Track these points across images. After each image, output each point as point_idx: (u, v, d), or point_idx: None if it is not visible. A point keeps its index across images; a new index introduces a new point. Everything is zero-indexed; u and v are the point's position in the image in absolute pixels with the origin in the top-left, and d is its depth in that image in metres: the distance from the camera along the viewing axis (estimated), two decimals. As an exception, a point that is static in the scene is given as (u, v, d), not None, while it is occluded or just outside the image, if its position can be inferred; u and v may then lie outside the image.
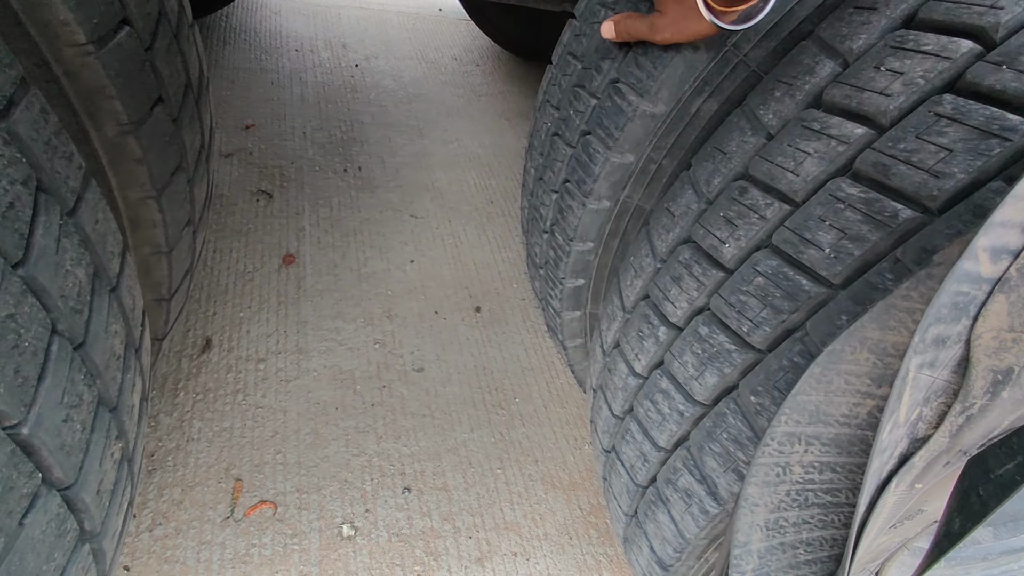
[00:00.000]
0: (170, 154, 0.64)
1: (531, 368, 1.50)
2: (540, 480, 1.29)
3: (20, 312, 0.33)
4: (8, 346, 0.32)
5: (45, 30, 0.52)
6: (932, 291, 0.35)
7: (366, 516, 1.17)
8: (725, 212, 0.55)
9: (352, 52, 2.56)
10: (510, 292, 1.67)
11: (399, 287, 1.61)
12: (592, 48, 0.83)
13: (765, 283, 0.50)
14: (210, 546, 1.09)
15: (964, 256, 0.31)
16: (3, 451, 0.32)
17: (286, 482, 1.19)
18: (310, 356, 1.40)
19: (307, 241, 1.66)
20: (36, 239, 0.35)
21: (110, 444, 0.46)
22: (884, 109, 0.45)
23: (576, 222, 0.84)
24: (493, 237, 1.82)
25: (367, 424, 1.30)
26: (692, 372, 0.56)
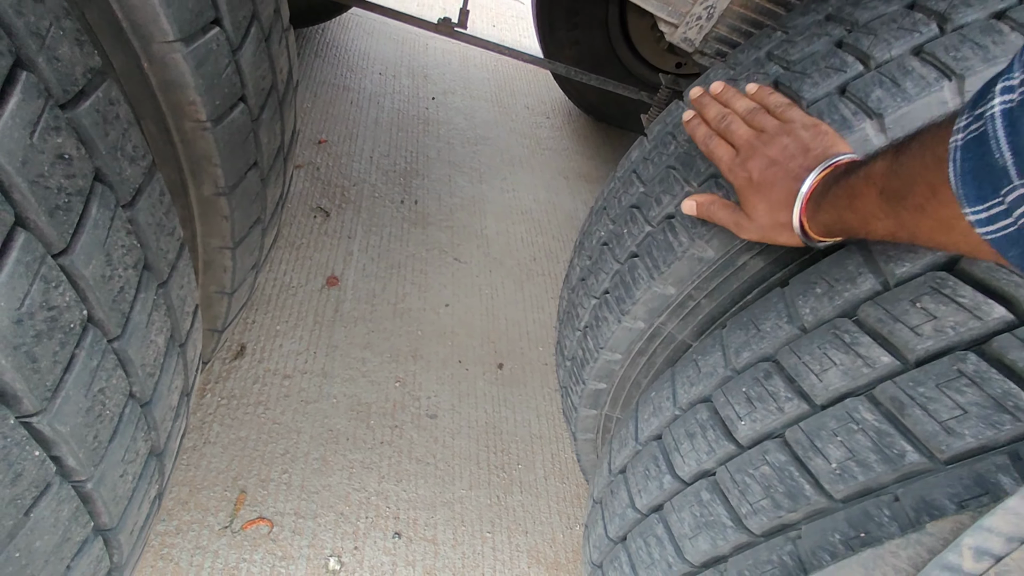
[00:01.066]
0: (245, 154, 0.68)
1: (540, 436, 1.53)
2: (527, 552, 1.31)
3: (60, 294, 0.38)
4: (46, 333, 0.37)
5: (174, 109, 0.58)
6: (919, 556, 0.38)
7: (354, 553, 1.21)
8: (748, 389, 0.58)
9: (431, 84, 2.66)
10: (535, 355, 1.70)
11: (430, 329, 1.66)
12: (656, 178, 0.87)
13: (771, 474, 0.52)
14: (204, 552, 1.14)
15: (950, 548, 0.33)
16: (17, 435, 0.36)
17: (287, 503, 1.23)
18: (333, 382, 1.45)
19: (353, 266, 1.73)
20: (86, 224, 0.39)
21: (137, 439, 0.50)
22: (912, 347, 0.48)
23: (609, 334, 0.88)
24: (529, 295, 1.87)
25: (373, 461, 1.35)
26: (687, 531, 0.58)
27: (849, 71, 0.72)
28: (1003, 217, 0.34)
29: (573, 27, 2.37)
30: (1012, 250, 0.34)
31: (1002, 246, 0.35)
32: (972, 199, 0.35)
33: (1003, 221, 0.34)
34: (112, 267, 0.43)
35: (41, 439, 0.38)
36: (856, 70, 0.71)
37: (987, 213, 0.35)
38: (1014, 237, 0.34)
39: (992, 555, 0.33)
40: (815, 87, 0.73)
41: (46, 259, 0.37)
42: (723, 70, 0.92)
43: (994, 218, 0.34)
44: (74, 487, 0.42)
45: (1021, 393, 0.42)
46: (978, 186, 0.35)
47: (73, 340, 0.39)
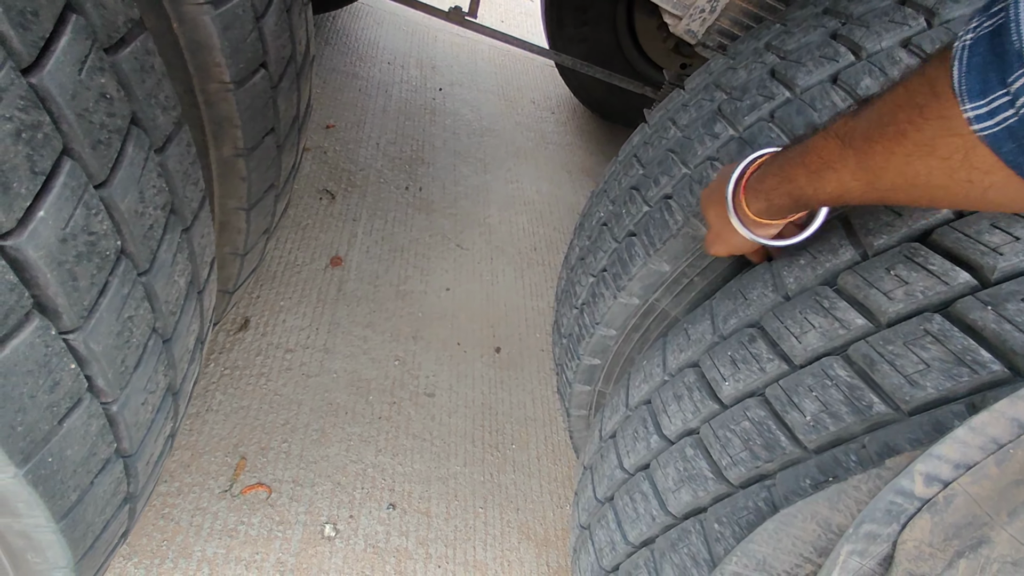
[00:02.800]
0: (264, 118, 0.71)
1: (534, 418, 1.56)
2: (517, 528, 1.35)
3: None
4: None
5: (200, 69, 0.62)
6: (878, 489, 0.41)
7: (349, 521, 1.24)
8: (733, 353, 0.62)
9: (439, 75, 2.70)
10: (532, 340, 1.74)
11: (431, 311, 1.69)
12: (655, 160, 0.90)
13: (750, 428, 0.56)
14: (204, 513, 1.17)
15: (903, 474, 0.37)
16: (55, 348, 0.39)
17: (285, 471, 1.26)
18: (334, 357, 1.48)
19: (357, 247, 1.76)
20: (123, 161, 0.43)
21: (158, 372, 0.53)
22: (884, 309, 0.51)
23: (605, 309, 0.91)
24: (529, 283, 1.90)
25: (371, 435, 1.38)
26: (671, 485, 0.62)
27: (841, 60, 0.75)
28: (1005, 108, 0.35)
29: (581, 24, 2.41)
30: (1007, 144, 0.36)
31: (998, 140, 0.36)
32: (975, 93, 0.36)
33: (1005, 112, 0.35)
34: (144, 204, 0.46)
35: (77, 355, 0.41)
36: (848, 60, 0.75)
37: (988, 107, 0.36)
38: (1013, 128, 0.35)
39: (941, 480, 0.36)
40: (808, 75, 0.76)
41: (88, 188, 0.40)
42: (723, 60, 0.96)
43: (995, 111, 0.35)
44: (102, 406, 0.46)
45: (980, 349, 0.45)
46: (983, 79, 0.36)
47: (108, 266, 0.43)
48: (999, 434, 0.35)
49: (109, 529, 0.56)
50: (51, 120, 0.36)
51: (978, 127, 0.37)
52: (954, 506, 0.35)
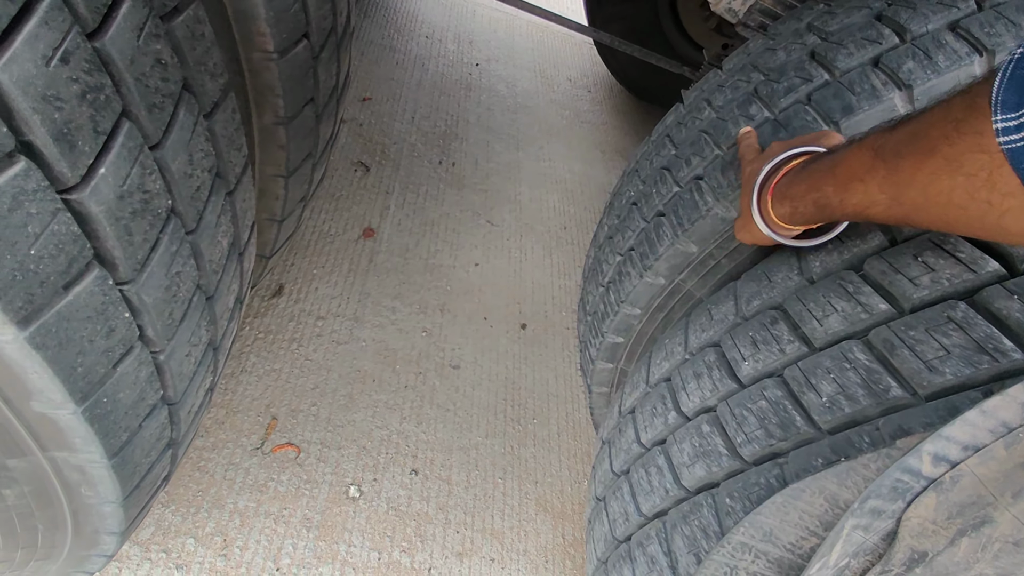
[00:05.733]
0: (304, 88, 0.74)
1: (556, 395, 1.58)
2: (535, 500, 1.38)
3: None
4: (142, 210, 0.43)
5: (245, 38, 0.64)
6: (886, 467, 0.42)
7: (373, 484, 1.29)
8: (754, 333, 0.62)
9: (476, 50, 2.69)
10: (557, 318, 1.75)
11: (458, 285, 1.72)
12: (688, 140, 0.90)
13: (767, 407, 0.57)
14: (236, 468, 1.23)
15: (911, 453, 0.38)
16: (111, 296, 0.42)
17: (314, 433, 1.31)
18: (363, 326, 1.52)
19: (388, 220, 1.79)
20: (175, 124, 0.45)
21: (201, 327, 0.57)
22: (908, 295, 0.52)
23: (631, 288, 0.92)
24: (557, 262, 1.91)
25: (396, 403, 1.42)
26: (686, 460, 0.63)
27: (885, 43, 0.74)
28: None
29: (621, 1, 2.37)
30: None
31: (1018, 156, 0.36)
32: (1009, 105, 0.37)
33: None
34: (192, 167, 0.49)
35: (130, 305, 0.45)
36: (892, 42, 0.73)
37: (1017, 120, 0.36)
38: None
39: (949, 461, 0.37)
40: (849, 57, 0.75)
41: (144, 148, 0.42)
42: (762, 40, 0.94)
43: (1023, 125, 0.36)
44: (151, 355, 0.49)
45: (1003, 338, 0.45)
46: (1020, 92, 0.36)
47: (159, 224, 0.45)
48: (1010, 418, 0.36)
49: (153, 471, 0.60)
50: (112, 83, 0.39)
51: (1003, 139, 0.37)
52: (960, 486, 0.36)
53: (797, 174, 0.59)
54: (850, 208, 0.51)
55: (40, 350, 0.37)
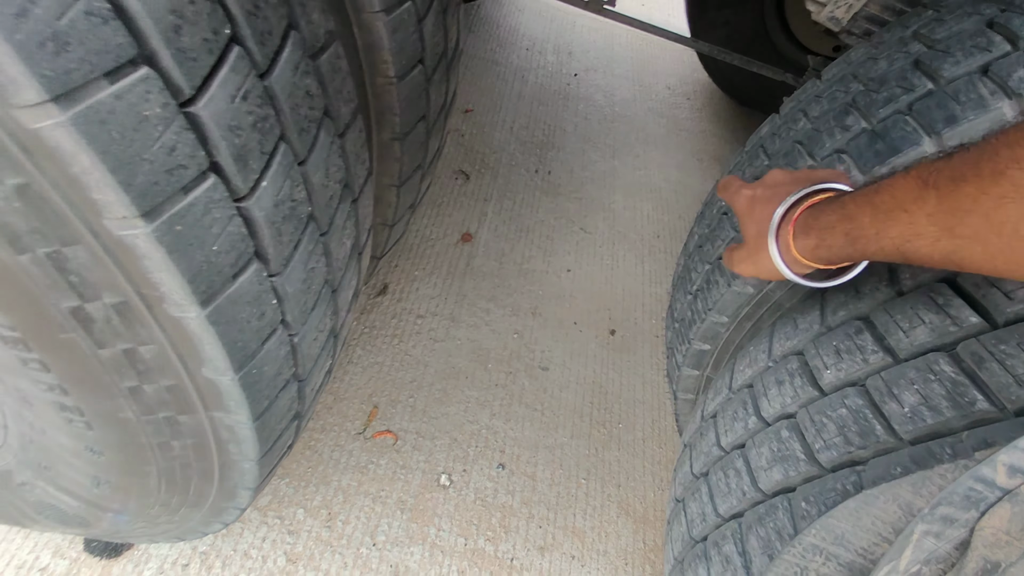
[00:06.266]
0: (417, 107, 0.82)
1: (642, 402, 1.60)
2: (616, 503, 1.40)
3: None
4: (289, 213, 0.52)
5: (371, 66, 0.73)
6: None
7: (462, 474, 1.37)
8: (838, 343, 0.63)
9: (575, 61, 2.75)
10: (647, 326, 1.77)
11: (550, 290, 1.77)
12: (782, 152, 0.91)
13: (847, 416, 0.58)
14: (341, 450, 1.35)
15: (986, 463, 0.38)
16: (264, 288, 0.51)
17: (410, 423, 1.41)
18: (459, 326, 1.62)
19: (486, 226, 1.88)
20: (317, 144, 0.54)
21: (326, 315, 0.66)
22: (1002, 309, 0.51)
23: (718, 297, 0.93)
24: (648, 270, 1.92)
25: (487, 400, 1.49)
26: (764, 464, 0.65)
27: (995, 50, 0.71)
28: None
29: (724, 6, 2.34)
30: None
31: None
32: None
33: None
34: (328, 179, 0.57)
35: (277, 293, 0.54)
36: (1002, 50, 0.71)
37: None
38: None
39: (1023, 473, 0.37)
40: (955, 66, 0.73)
41: (294, 164, 0.51)
42: (864, 49, 0.93)
43: None
44: (288, 336, 0.58)
45: (1101, 355, 0.44)
46: None
47: (301, 227, 0.54)
48: (1087, 431, 0.36)
49: (282, 438, 0.69)
50: (274, 113, 0.48)
51: None
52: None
53: (826, 204, 0.55)
54: (888, 241, 0.47)
55: (214, 325, 0.47)
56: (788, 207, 0.58)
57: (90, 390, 0.53)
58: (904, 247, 0.46)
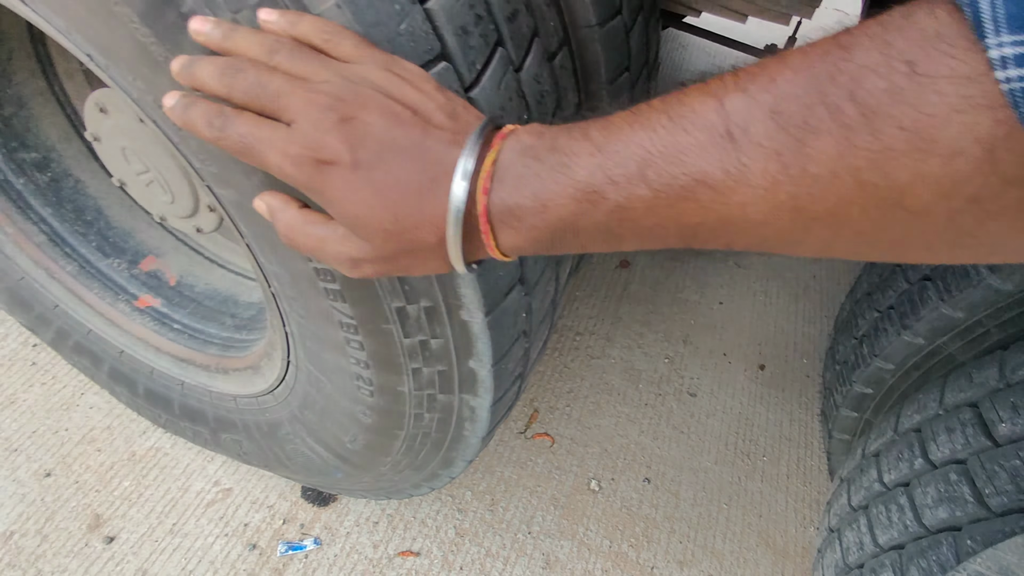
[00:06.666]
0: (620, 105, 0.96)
1: (789, 438, 1.62)
2: (757, 533, 1.44)
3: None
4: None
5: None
6: None
7: (611, 482, 1.48)
8: (1016, 399, 0.68)
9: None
10: (797, 365, 1.78)
11: (702, 320, 1.84)
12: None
13: (1022, 467, 0.63)
14: (505, 445, 1.52)
15: None
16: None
17: (566, 429, 1.56)
18: (613, 346, 1.74)
19: (643, 254, 2.00)
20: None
21: (519, 320, 0.81)
22: None
23: (887, 345, 0.98)
24: (802, 308, 1.92)
25: (637, 417, 1.60)
26: (929, 502, 0.71)
27: None
28: None
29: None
30: None
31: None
32: (1016, 22, 0.21)
33: None
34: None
35: (528, 308, 0.71)
36: None
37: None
38: None
39: None
40: None
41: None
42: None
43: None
44: (526, 342, 0.75)
45: None
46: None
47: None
48: None
49: (498, 424, 0.86)
50: (524, 104, 0.64)
51: (1004, 75, 0.21)
52: None
53: (526, 167, 0.34)
54: (655, 223, 0.31)
55: (491, 329, 0.64)
56: (475, 159, 0.34)
57: (385, 367, 0.73)
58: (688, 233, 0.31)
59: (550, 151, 0.33)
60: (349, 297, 0.65)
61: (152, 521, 1.29)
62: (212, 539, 1.28)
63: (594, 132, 0.32)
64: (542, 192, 0.33)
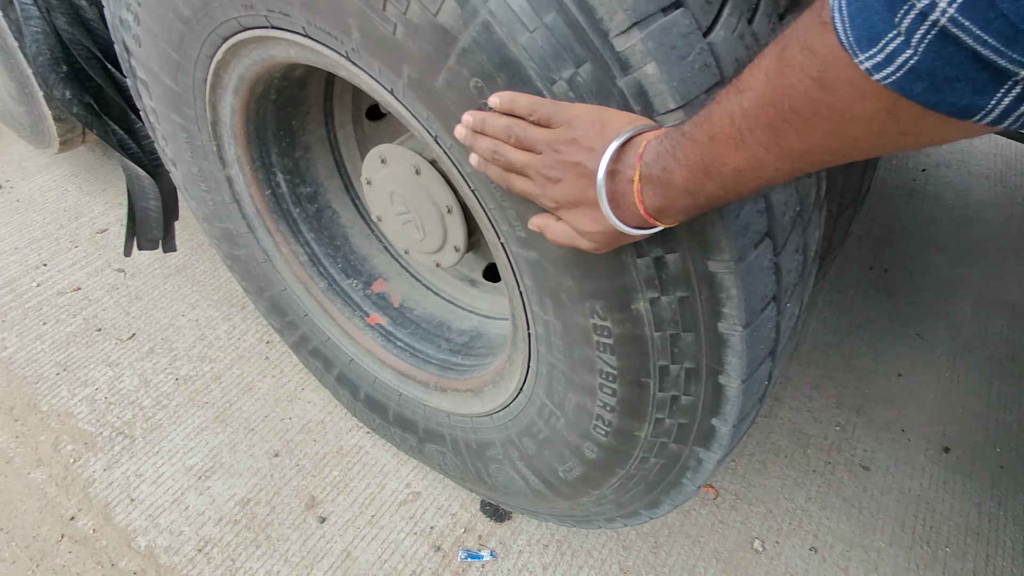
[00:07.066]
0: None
1: (977, 532, 1.51)
2: (938, 628, 1.36)
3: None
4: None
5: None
6: None
7: (775, 545, 1.47)
8: None
9: (923, 155, 2.64)
10: (990, 453, 1.65)
11: (877, 391, 1.78)
12: None
13: None
14: (668, 490, 1.56)
15: None
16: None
17: (731, 484, 1.57)
18: (782, 407, 1.73)
19: (815, 315, 1.96)
20: None
21: (763, 386, 0.84)
22: None
23: None
24: (997, 392, 1.79)
25: (804, 482, 1.58)
26: None
27: None
28: (902, 49, 0.33)
29: None
30: (917, 85, 0.34)
31: (906, 84, 0.34)
32: (864, 43, 0.34)
33: (903, 55, 0.33)
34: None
35: (773, 366, 0.76)
36: None
37: (883, 53, 0.34)
38: (916, 68, 0.33)
39: None
40: None
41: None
42: None
43: (892, 55, 0.33)
44: (768, 380, 0.79)
45: None
46: (868, 25, 0.34)
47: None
48: None
49: (730, 453, 0.89)
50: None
51: (880, 76, 0.35)
52: None
53: (659, 161, 0.52)
54: (729, 180, 0.49)
55: (743, 394, 0.71)
56: (604, 174, 0.55)
57: (630, 414, 0.82)
58: (748, 181, 0.48)
59: (672, 146, 0.52)
60: (619, 352, 0.75)
61: (355, 510, 1.47)
62: (403, 535, 1.44)
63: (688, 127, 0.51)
64: (669, 167, 0.52)
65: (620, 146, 0.54)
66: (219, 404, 1.67)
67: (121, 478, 1.52)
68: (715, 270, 0.64)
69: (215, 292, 1.97)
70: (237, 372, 1.74)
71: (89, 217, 2.23)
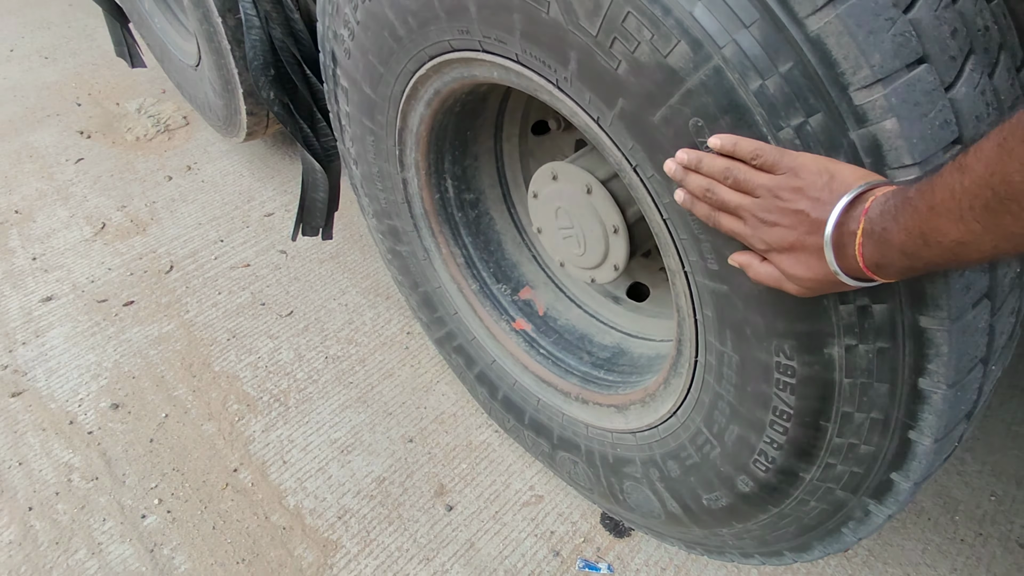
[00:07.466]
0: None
1: None
2: None
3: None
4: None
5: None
6: None
7: (911, 612, 1.38)
8: None
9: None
10: None
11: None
12: None
13: None
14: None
15: None
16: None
17: (865, 541, 1.49)
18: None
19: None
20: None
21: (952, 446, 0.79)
22: None
23: None
24: None
25: (950, 551, 1.47)
26: None
27: None
28: None
29: None
30: None
31: None
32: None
33: None
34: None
35: (986, 379, 0.72)
36: None
37: None
38: None
39: None
40: None
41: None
42: None
43: None
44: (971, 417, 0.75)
45: None
46: None
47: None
48: None
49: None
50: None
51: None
52: None
53: (883, 219, 0.53)
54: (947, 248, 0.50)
55: (948, 402, 0.66)
56: (833, 227, 0.57)
57: (799, 455, 0.81)
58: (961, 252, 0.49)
59: (894, 208, 0.53)
60: (801, 392, 0.76)
61: (480, 504, 1.55)
62: (524, 535, 1.49)
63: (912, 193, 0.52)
64: (889, 228, 0.53)
65: (851, 200, 0.56)
66: (362, 386, 1.81)
67: (276, 441, 1.69)
68: (927, 326, 0.64)
69: (363, 280, 2.13)
70: (380, 358, 1.88)
71: (259, 201, 2.48)
